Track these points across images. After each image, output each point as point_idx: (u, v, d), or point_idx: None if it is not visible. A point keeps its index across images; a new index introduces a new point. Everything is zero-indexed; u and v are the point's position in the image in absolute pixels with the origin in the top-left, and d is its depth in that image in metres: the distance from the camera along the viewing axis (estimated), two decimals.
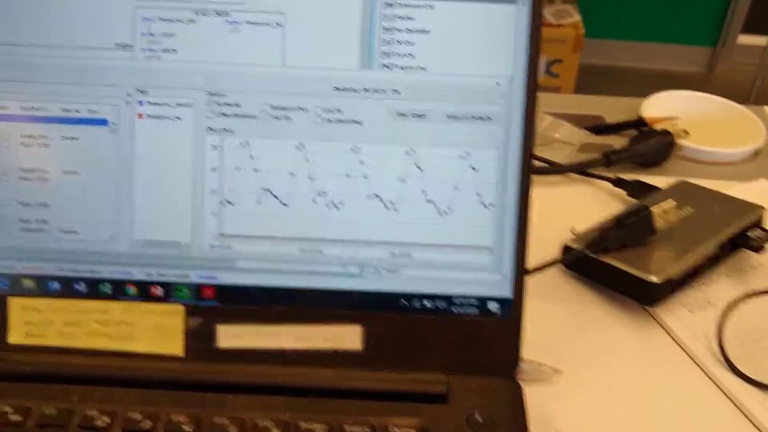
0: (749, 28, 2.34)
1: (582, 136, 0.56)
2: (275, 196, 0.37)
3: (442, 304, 0.38)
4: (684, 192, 0.49)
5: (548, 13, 2.26)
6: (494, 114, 0.37)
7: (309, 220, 0.37)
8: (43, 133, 0.37)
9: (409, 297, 0.38)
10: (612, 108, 0.62)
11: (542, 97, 0.68)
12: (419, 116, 0.37)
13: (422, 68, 0.36)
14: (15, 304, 0.38)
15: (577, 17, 2.22)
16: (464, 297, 0.38)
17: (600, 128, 0.58)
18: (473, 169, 0.37)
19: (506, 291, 0.38)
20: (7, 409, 0.35)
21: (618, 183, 0.52)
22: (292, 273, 0.38)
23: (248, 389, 0.37)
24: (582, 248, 0.44)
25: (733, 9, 2.31)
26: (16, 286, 0.38)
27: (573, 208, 0.51)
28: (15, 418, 0.35)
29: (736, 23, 2.33)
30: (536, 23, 0.36)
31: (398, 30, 0.36)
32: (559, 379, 0.40)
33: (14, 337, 0.38)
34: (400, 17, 0.36)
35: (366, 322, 0.38)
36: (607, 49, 2.42)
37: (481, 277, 0.38)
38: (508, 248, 0.37)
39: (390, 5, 0.36)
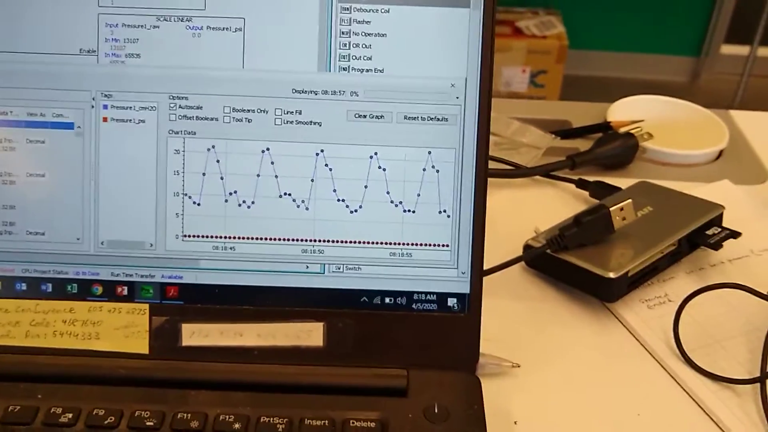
0: (732, 37, 2.37)
1: (548, 140, 0.58)
2: (238, 197, 0.38)
3: (402, 301, 0.39)
4: (644, 192, 0.50)
5: (532, 25, 2.28)
6: (450, 114, 0.38)
7: (272, 220, 0.38)
8: (9, 136, 0.38)
9: (370, 294, 0.39)
10: (580, 113, 0.63)
11: (511, 103, 0.70)
12: (377, 117, 0.38)
13: (379, 70, 0.38)
14: None
15: (561, 28, 2.24)
16: (424, 294, 0.39)
17: (566, 132, 0.60)
18: (432, 168, 0.38)
19: (464, 288, 0.39)
20: None
21: (581, 184, 0.53)
22: (255, 272, 0.38)
23: (212, 386, 0.37)
24: (542, 246, 0.45)
25: (715, 19, 2.33)
26: None
27: (537, 210, 0.52)
28: None
29: (718, 33, 2.36)
30: (489, 26, 0.37)
31: (355, 33, 0.37)
32: (518, 374, 0.40)
33: None
34: (357, 21, 0.37)
35: (328, 320, 0.38)
36: (591, 60, 2.44)
37: (440, 274, 0.39)
38: (465, 246, 0.38)
39: (347, 10, 0.37)
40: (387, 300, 0.39)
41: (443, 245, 0.38)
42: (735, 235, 0.46)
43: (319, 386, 0.37)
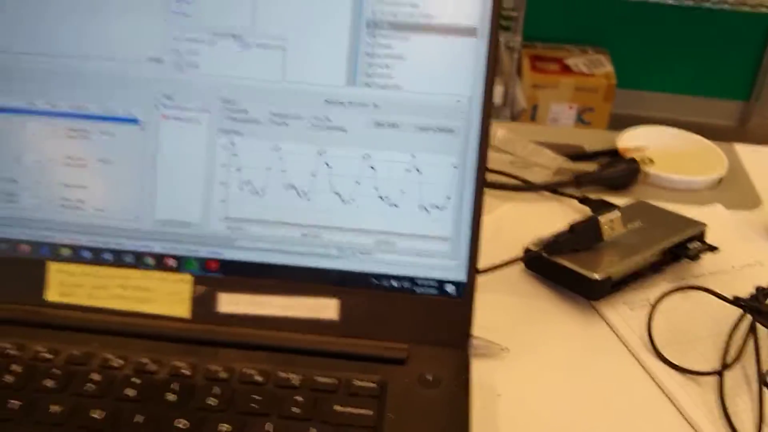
0: None
1: (559, 161, 0.63)
2: (279, 188, 0.45)
3: (406, 284, 0.45)
4: (637, 209, 0.55)
5: (581, 62, 2.33)
6: (456, 126, 0.44)
7: (305, 210, 0.45)
8: (86, 128, 0.45)
9: (379, 277, 0.45)
10: (593, 140, 0.69)
11: (531, 128, 0.76)
12: (394, 126, 0.44)
13: (398, 87, 0.44)
14: (53, 268, 0.46)
15: (609, 67, 2.29)
16: (426, 279, 0.45)
17: (576, 155, 0.65)
18: (438, 171, 0.44)
19: (461, 275, 0.45)
20: (42, 349, 0.43)
21: (583, 201, 0.59)
22: (283, 252, 0.45)
23: (240, 346, 0.44)
24: (538, 250, 0.51)
25: (766, 63, 2.34)
26: (54, 253, 0.46)
27: (542, 221, 0.58)
28: (47, 356, 0.42)
29: None
30: (493, 53, 0.43)
31: (378, 55, 0.44)
32: (506, 356, 0.46)
33: (51, 295, 0.46)
34: (380, 45, 0.44)
35: (342, 296, 0.45)
36: (639, 100, 2.47)
37: (441, 263, 0.45)
38: (464, 239, 0.44)
39: (373, 35, 0.44)
40: (393, 283, 0.45)
41: (445, 238, 0.44)
42: (713, 249, 0.51)
43: (331, 352, 0.44)
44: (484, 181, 0.44)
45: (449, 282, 0.45)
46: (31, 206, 0.46)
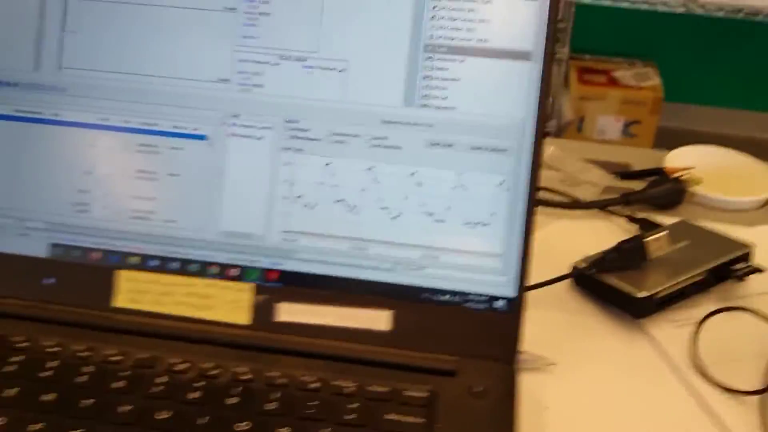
0: None
1: (607, 179, 0.65)
2: (335, 203, 0.47)
3: (457, 299, 0.47)
4: (683, 229, 0.56)
5: (628, 75, 2.32)
6: (508, 147, 0.46)
7: (361, 224, 0.47)
8: (156, 143, 0.48)
9: (431, 291, 0.47)
10: (640, 158, 0.70)
11: (580, 145, 0.77)
12: (448, 146, 0.46)
13: (453, 108, 0.46)
14: (122, 276, 0.49)
15: (657, 80, 2.28)
16: (476, 294, 0.47)
17: (624, 174, 0.66)
18: (491, 190, 0.46)
19: (511, 292, 0.46)
20: (111, 352, 0.45)
21: (631, 220, 0.60)
22: (340, 265, 0.47)
23: (297, 354, 0.46)
24: (586, 268, 0.52)
25: None
26: (124, 261, 0.49)
27: (590, 239, 0.59)
28: (117, 359, 0.45)
29: None
30: (546, 77, 0.45)
31: (435, 78, 0.46)
32: (553, 370, 0.48)
33: (119, 301, 0.48)
34: (437, 68, 0.46)
35: (394, 309, 0.47)
36: (687, 113, 2.45)
37: (491, 279, 0.46)
38: (514, 256, 0.46)
39: (430, 58, 0.46)
40: (445, 297, 0.47)
41: (495, 254, 0.46)
42: (759, 270, 0.52)
43: (384, 362, 0.45)
44: (535, 200, 0.46)
45: (499, 298, 0.46)
46: (103, 216, 0.49)
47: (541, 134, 0.45)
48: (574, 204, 0.62)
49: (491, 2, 0.45)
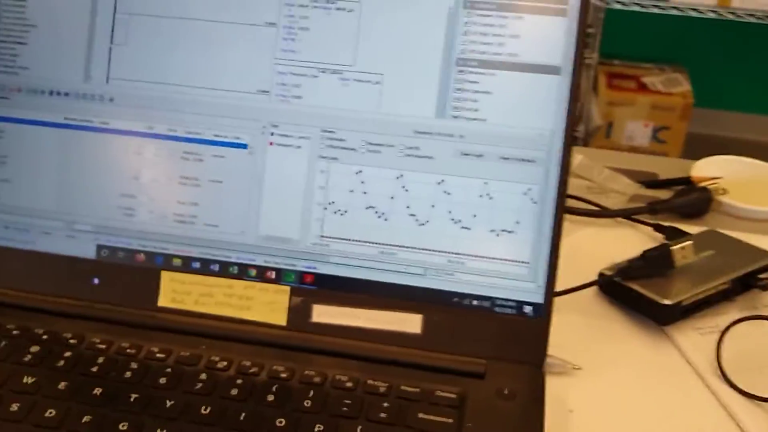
0: None
1: (634, 188, 0.66)
2: (365, 209, 0.49)
3: (486, 304, 0.48)
4: (709, 237, 0.57)
5: (658, 81, 2.32)
6: (537, 157, 0.47)
7: (390, 230, 0.49)
8: (199, 151, 0.50)
9: (461, 296, 0.48)
10: (667, 167, 0.71)
11: (607, 154, 0.78)
12: (479, 156, 0.48)
13: (483, 119, 0.48)
14: (165, 277, 0.51)
15: (687, 86, 2.27)
16: (505, 300, 0.48)
17: (651, 183, 0.68)
18: (520, 199, 0.48)
19: (539, 298, 0.48)
20: (155, 350, 0.48)
21: (657, 228, 0.61)
22: (373, 269, 0.49)
23: (332, 354, 0.48)
24: (612, 275, 0.53)
25: None
26: (167, 263, 0.51)
27: (617, 247, 0.60)
28: (160, 356, 0.47)
29: None
30: (574, 91, 0.47)
31: (467, 90, 0.48)
32: (578, 374, 0.49)
33: (163, 301, 0.51)
34: (469, 81, 0.47)
35: (426, 312, 0.48)
36: (717, 120, 2.43)
37: (520, 285, 0.48)
38: (542, 264, 0.48)
39: (462, 71, 0.48)
40: (474, 302, 0.48)
41: (524, 261, 0.48)
42: None
43: (415, 364, 0.47)
44: (562, 209, 0.47)
45: (527, 303, 0.48)
46: (148, 220, 0.51)
47: (569, 146, 0.47)
48: (602, 212, 0.63)
49: (522, 18, 0.47)
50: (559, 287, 0.52)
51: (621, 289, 0.53)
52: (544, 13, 0.47)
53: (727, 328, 0.50)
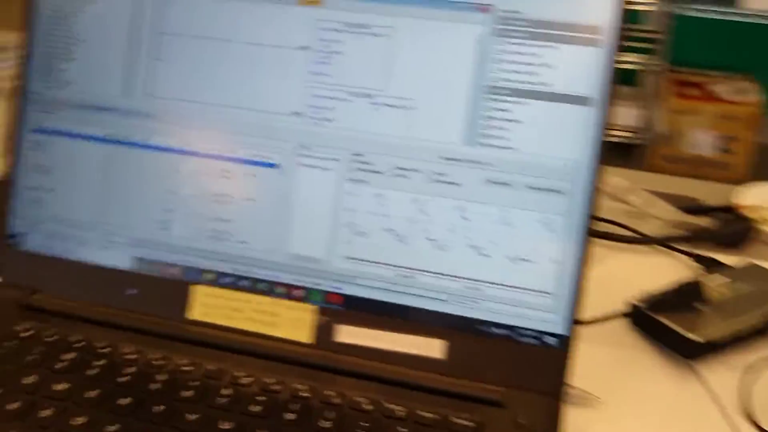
0: None
1: (674, 213, 0.65)
2: (391, 234, 0.49)
3: (509, 332, 0.48)
4: (747, 271, 0.56)
5: (726, 90, 2.26)
6: (563, 188, 0.47)
7: (414, 255, 0.49)
8: (233, 169, 0.51)
9: (484, 323, 0.48)
10: (708, 193, 0.70)
11: (646, 176, 0.77)
12: (506, 184, 0.48)
13: (512, 148, 0.48)
14: (197, 291, 0.52)
15: (755, 96, 2.21)
16: (527, 329, 0.48)
17: (691, 209, 0.66)
18: (545, 229, 0.47)
19: (560, 329, 0.47)
20: (184, 362, 0.49)
21: (695, 258, 0.60)
22: (398, 293, 0.49)
23: (353, 374, 0.48)
24: (642, 306, 0.53)
25: None
26: (199, 277, 0.52)
27: (653, 275, 0.59)
28: (188, 368, 0.49)
29: None
30: (603, 121, 0.46)
31: (496, 118, 0.48)
32: (600, 406, 0.49)
33: (193, 314, 0.52)
34: (498, 109, 0.47)
35: (447, 338, 0.49)
36: None
37: (541, 315, 0.48)
38: (565, 294, 0.47)
39: (492, 100, 0.48)
40: (496, 330, 0.48)
41: (546, 292, 0.47)
42: None
43: (434, 389, 0.48)
44: (588, 240, 0.47)
45: (549, 334, 0.48)
46: (183, 234, 0.52)
47: (595, 175, 0.47)
48: (638, 239, 0.62)
49: (554, 48, 0.47)
50: (588, 315, 0.52)
51: (650, 321, 0.52)
52: (577, 43, 0.46)
53: (758, 367, 0.49)
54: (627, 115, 2.25)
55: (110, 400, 0.46)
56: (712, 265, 0.59)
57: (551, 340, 0.48)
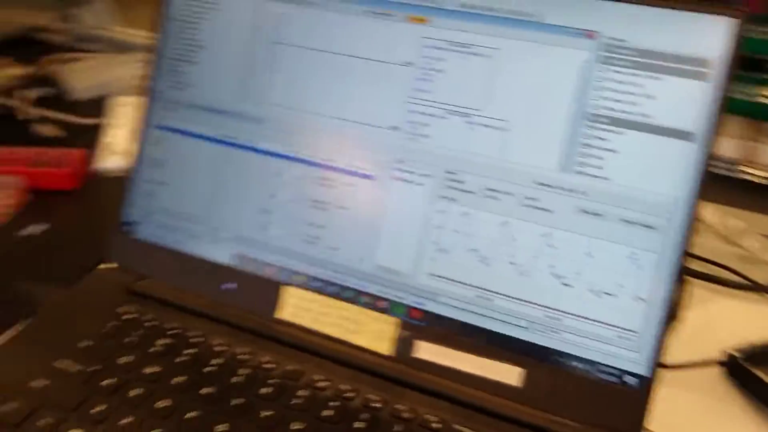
0: None
1: None
2: (475, 254, 0.49)
3: (588, 367, 0.47)
4: None
5: None
6: (658, 224, 0.45)
7: (498, 278, 0.49)
8: (331, 177, 0.53)
9: (563, 355, 0.47)
10: None
11: (765, 219, 0.72)
12: (598, 215, 0.47)
13: (607, 179, 0.46)
14: (288, 292, 0.54)
15: None
16: (607, 366, 0.47)
17: None
18: (634, 265, 0.46)
19: (642, 369, 0.46)
20: (267, 360, 0.51)
21: None
22: (478, 315, 0.49)
23: (426, 392, 0.49)
24: (740, 356, 0.50)
25: None
26: (291, 279, 0.54)
27: (759, 326, 0.56)
28: (269, 366, 0.50)
29: None
30: (706, 159, 0.44)
31: (593, 146, 0.46)
32: None
33: (283, 314, 0.54)
34: (597, 137, 0.46)
35: (525, 366, 0.48)
36: None
37: (623, 353, 0.46)
38: (651, 335, 0.45)
39: (591, 127, 0.46)
40: (575, 363, 0.47)
41: (630, 330, 0.46)
42: None
43: (506, 416, 0.47)
44: (680, 280, 0.45)
45: (630, 373, 0.46)
46: (279, 236, 0.54)
47: (693, 214, 0.45)
48: (747, 285, 0.59)
49: (659, 78, 0.45)
50: (681, 359, 0.50)
51: (747, 373, 0.49)
52: (683, 75, 0.45)
53: None
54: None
55: (194, 387, 0.48)
56: None
57: (632, 380, 0.46)
